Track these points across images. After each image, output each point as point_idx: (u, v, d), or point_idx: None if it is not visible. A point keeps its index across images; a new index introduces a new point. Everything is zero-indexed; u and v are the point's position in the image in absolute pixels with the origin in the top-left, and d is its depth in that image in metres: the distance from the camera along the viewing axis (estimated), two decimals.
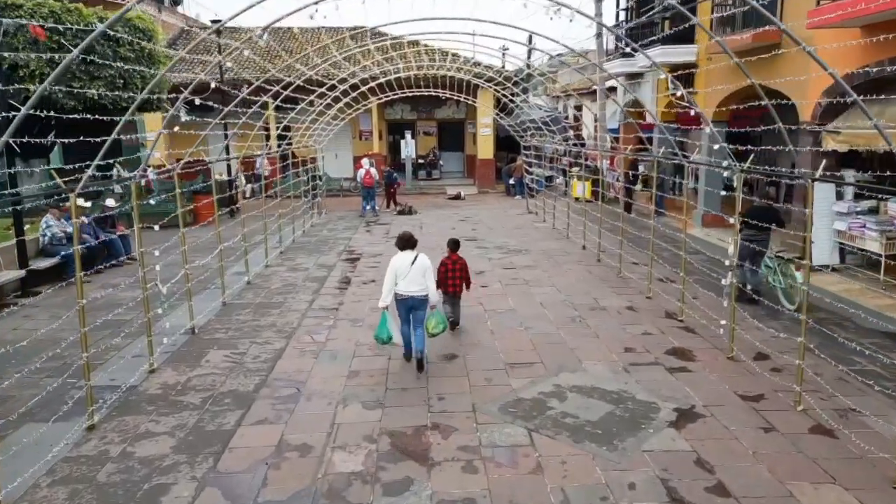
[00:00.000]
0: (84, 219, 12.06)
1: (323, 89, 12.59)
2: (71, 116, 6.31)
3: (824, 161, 6.07)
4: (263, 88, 10.70)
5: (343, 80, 14.09)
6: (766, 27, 12.07)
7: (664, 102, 18.45)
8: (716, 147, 6.78)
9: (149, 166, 6.83)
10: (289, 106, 12.46)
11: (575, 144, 18.59)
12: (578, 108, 31.56)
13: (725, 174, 6.74)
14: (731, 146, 7.12)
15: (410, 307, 6.85)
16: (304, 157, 18.26)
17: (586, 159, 18.93)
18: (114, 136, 6.14)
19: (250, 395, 6.49)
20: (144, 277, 6.98)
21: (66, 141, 6.36)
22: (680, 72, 14.86)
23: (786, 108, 10.07)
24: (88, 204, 12.17)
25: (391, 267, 6.82)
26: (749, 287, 8.65)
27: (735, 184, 6.74)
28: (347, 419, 5.93)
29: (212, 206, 16.89)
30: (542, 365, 7.10)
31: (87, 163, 6.05)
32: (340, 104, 16.70)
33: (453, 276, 7.93)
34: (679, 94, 6.72)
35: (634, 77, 19.99)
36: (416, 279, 6.75)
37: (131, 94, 15.50)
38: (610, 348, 7.60)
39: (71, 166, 6.05)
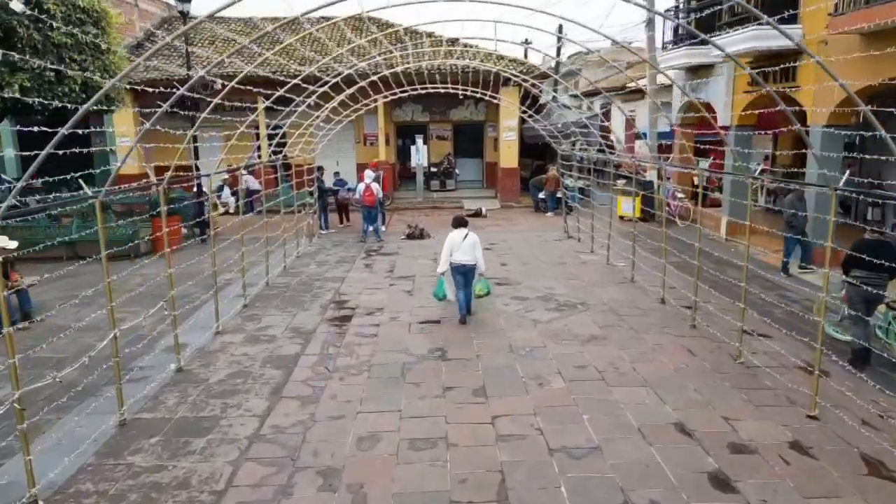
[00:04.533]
0: None
1: (296, 80, 8.86)
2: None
3: None
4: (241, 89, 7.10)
5: (326, 69, 10.40)
6: None
7: (741, 103, 14.54)
8: None
9: None
10: (251, 105, 8.79)
11: (603, 151, 14.83)
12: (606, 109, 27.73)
13: None
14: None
15: (463, 273, 8.58)
16: (303, 165, 14.81)
17: (620, 167, 15.26)
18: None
19: None
20: None
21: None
22: (776, 65, 11.10)
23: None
24: None
25: (447, 241, 8.58)
26: (853, 339, 6.85)
27: None
28: None
29: (176, 233, 13.38)
30: None
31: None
32: (334, 102, 13.03)
33: None
34: None
35: (701, 71, 16.14)
36: (467, 251, 8.49)
37: (74, 90, 12.04)
38: None
39: None
